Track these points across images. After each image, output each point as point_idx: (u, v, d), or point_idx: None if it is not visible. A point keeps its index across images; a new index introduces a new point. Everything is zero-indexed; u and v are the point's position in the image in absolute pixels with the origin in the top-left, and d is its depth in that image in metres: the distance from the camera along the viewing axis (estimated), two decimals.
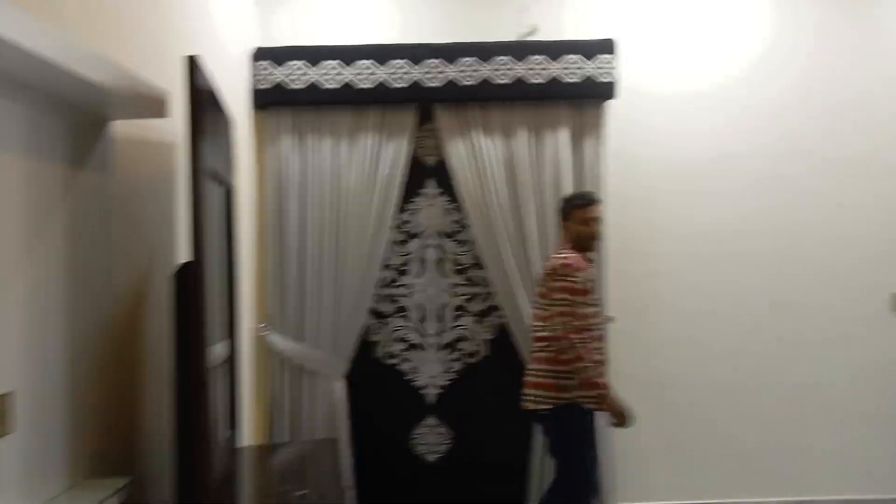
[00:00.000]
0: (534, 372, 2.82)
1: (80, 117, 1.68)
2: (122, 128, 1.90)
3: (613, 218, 3.35)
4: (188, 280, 1.66)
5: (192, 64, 1.62)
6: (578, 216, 2.84)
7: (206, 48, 2.62)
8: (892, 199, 3.52)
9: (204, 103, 1.69)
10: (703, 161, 3.50)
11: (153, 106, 1.86)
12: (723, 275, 3.51)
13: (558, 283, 2.73)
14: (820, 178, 3.50)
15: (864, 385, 3.52)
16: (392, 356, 3.50)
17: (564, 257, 2.78)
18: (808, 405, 3.53)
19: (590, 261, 2.87)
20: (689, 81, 3.50)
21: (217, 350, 2.26)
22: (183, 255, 2.02)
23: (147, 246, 2.08)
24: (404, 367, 3.50)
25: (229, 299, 2.35)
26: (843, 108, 3.50)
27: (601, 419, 2.85)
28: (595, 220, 2.84)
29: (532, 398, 2.80)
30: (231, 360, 2.36)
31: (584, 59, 3.28)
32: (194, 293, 1.65)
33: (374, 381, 3.48)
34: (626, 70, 3.38)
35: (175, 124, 1.98)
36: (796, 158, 3.50)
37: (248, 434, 3.20)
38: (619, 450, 3.31)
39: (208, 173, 1.81)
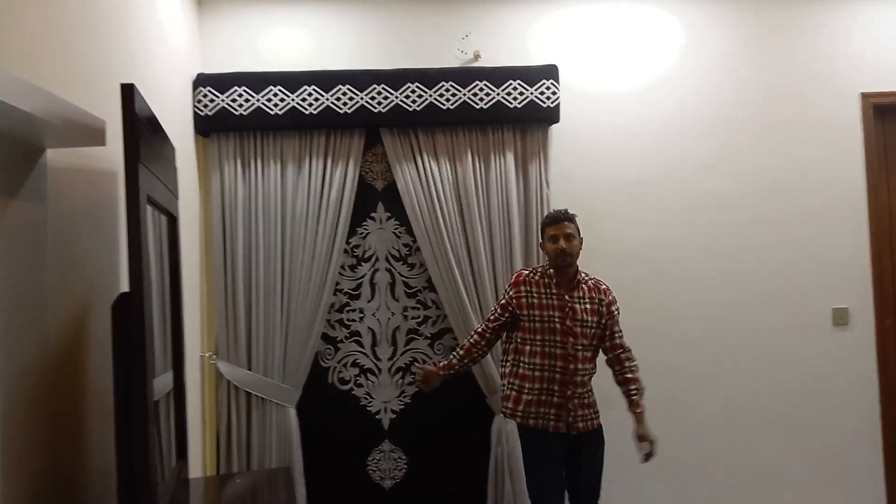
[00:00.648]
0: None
1: (12, 146, 1.64)
2: (58, 156, 1.86)
3: None
4: (127, 311, 1.62)
5: (129, 91, 1.60)
6: (545, 235, 2.93)
7: (146, 75, 2.60)
8: (829, 214, 3.61)
9: (141, 130, 1.68)
10: (640, 182, 3.57)
11: (91, 134, 1.82)
12: (659, 292, 3.56)
13: None
14: (755, 195, 3.59)
15: (807, 400, 3.57)
16: (345, 381, 3.47)
17: (519, 272, 2.98)
18: (750, 422, 3.57)
19: (560, 278, 2.88)
20: (626, 103, 3.59)
21: (162, 381, 2.21)
22: (124, 285, 1.98)
23: (86, 277, 2.03)
24: (358, 392, 3.47)
25: (174, 329, 2.30)
26: (776, 126, 3.62)
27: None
28: (555, 238, 2.86)
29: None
30: (178, 391, 2.31)
31: (527, 85, 3.36)
32: (134, 324, 1.62)
33: (327, 407, 3.44)
34: (567, 93, 3.47)
35: (114, 152, 1.95)
36: (731, 176, 3.60)
37: (199, 465, 3.12)
38: None
39: (148, 201, 1.79)
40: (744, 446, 3.58)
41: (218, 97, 3.22)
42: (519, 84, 3.36)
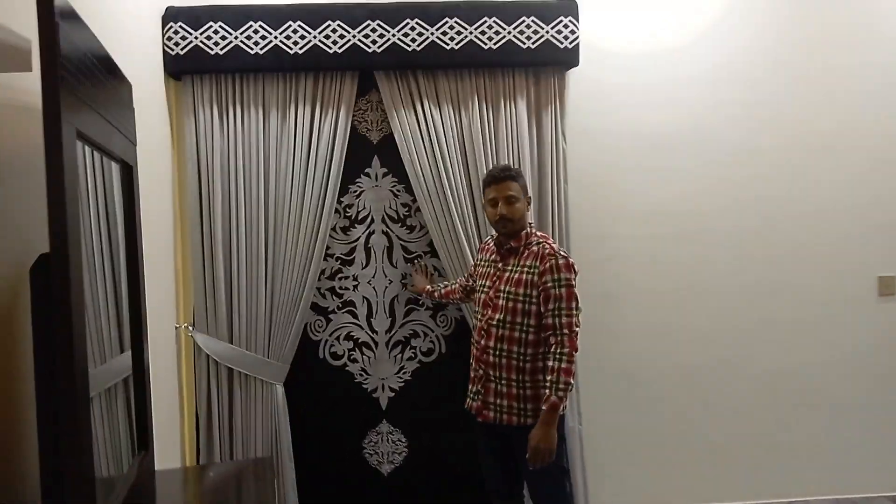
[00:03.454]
0: None
1: None
2: None
3: (573, 199, 3.09)
4: (48, 277, 1.26)
5: None
6: (485, 196, 2.56)
7: (103, 5, 2.19)
8: (875, 175, 3.29)
9: (72, 47, 1.30)
10: (669, 135, 3.22)
11: (13, 56, 1.45)
12: (690, 256, 3.26)
13: None
14: (795, 151, 3.26)
15: (848, 373, 3.32)
16: (338, 356, 3.13)
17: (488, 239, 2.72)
18: (787, 396, 3.31)
19: (500, 244, 2.56)
20: (654, 47, 3.22)
21: (118, 363, 1.87)
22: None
23: (17, 233, 1.66)
24: (352, 368, 3.14)
25: (132, 300, 1.95)
26: (821, 77, 3.26)
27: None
28: (494, 201, 2.48)
29: None
30: (137, 373, 1.96)
31: (542, 23, 2.95)
32: (58, 292, 1.26)
33: (318, 384, 3.11)
34: (587, 35, 3.08)
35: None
36: (769, 131, 3.25)
37: (177, 454, 2.80)
38: (584, 453, 3.03)
39: (83, 139, 1.42)
40: (779, 424, 3.32)
41: (191, 34, 2.81)
42: (533, 21, 2.95)
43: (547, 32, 2.96)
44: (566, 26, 2.96)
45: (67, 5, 1.31)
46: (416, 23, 2.90)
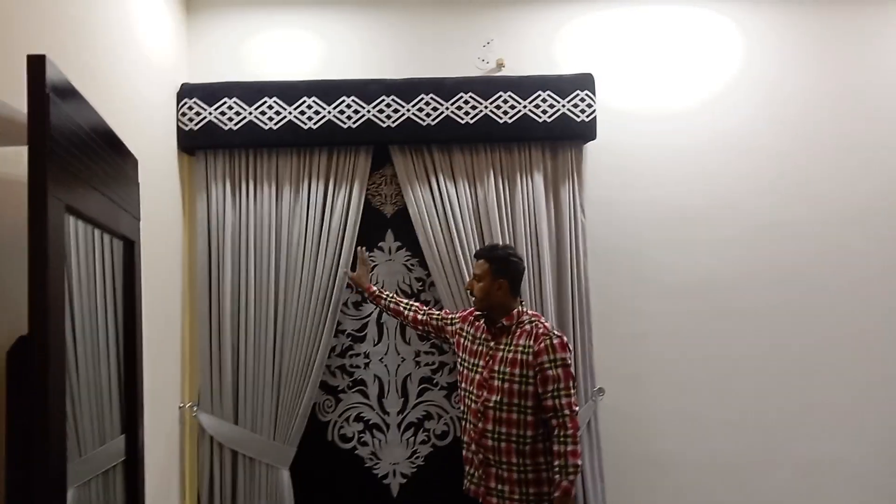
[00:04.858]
0: None
1: None
2: None
3: (595, 274, 2.98)
4: (26, 363, 1.18)
5: (38, 64, 1.19)
6: None
7: (116, 82, 2.20)
8: None
9: (64, 120, 1.26)
10: (695, 207, 3.12)
11: (8, 130, 1.43)
12: (721, 334, 3.09)
13: None
14: (825, 223, 3.13)
15: (892, 459, 3.06)
16: (347, 439, 2.98)
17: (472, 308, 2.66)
18: (830, 488, 3.06)
19: (491, 322, 2.52)
20: (674, 120, 3.16)
21: (110, 449, 1.76)
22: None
23: (3, 314, 1.59)
24: (362, 451, 2.98)
25: (129, 381, 1.86)
26: (849, 146, 3.16)
27: None
28: (472, 277, 2.57)
29: None
30: (130, 460, 1.85)
31: (558, 96, 2.93)
32: (36, 379, 1.17)
33: (326, 469, 2.95)
34: (604, 107, 3.04)
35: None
36: (799, 202, 3.13)
37: None
38: None
39: (74, 214, 1.36)
40: None
41: (205, 110, 2.83)
42: (549, 95, 2.93)
43: (563, 106, 2.93)
44: (582, 100, 2.94)
45: (62, 79, 1.28)
46: (431, 97, 2.89)
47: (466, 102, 2.90)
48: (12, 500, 1.24)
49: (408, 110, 2.88)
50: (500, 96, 2.92)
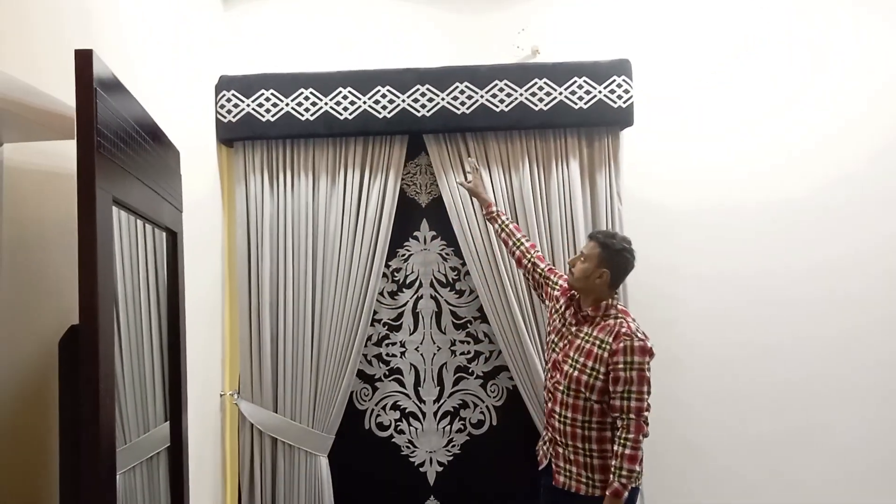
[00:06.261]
0: None
1: None
2: (17, 153, 1.48)
3: None
4: (77, 351, 1.21)
5: (85, 59, 1.21)
6: None
7: (155, 75, 2.24)
8: None
9: (109, 112, 1.28)
10: (732, 195, 3.06)
11: (58, 125, 1.45)
12: (757, 319, 3.04)
13: None
14: (867, 208, 3.04)
15: None
16: (384, 427, 3.01)
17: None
18: (871, 469, 3.00)
19: (579, 306, 2.44)
20: (716, 106, 3.09)
21: (156, 435, 1.80)
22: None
23: (52, 306, 1.64)
24: (399, 439, 3.00)
25: (173, 369, 1.90)
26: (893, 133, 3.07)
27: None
28: (578, 254, 2.48)
29: None
30: (175, 446, 1.89)
31: (595, 82, 2.89)
32: (87, 368, 1.20)
33: (363, 456, 2.98)
34: (642, 94, 2.99)
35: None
36: (840, 189, 3.05)
37: None
38: None
39: (121, 206, 1.39)
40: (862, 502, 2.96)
41: (243, 101, 2.86)
42: (585, 81, 2.89)
43: (599, 92, 2.89)
44: (619, 86, 2.89)
45: (108, 73, 1.30)
46: (466, 86, 2.88)
47: (501, 90, 2.88)
48: (65, 484, 1.28)
49: (442, 99, 2.87)
50: (536, 83, 2.89)
